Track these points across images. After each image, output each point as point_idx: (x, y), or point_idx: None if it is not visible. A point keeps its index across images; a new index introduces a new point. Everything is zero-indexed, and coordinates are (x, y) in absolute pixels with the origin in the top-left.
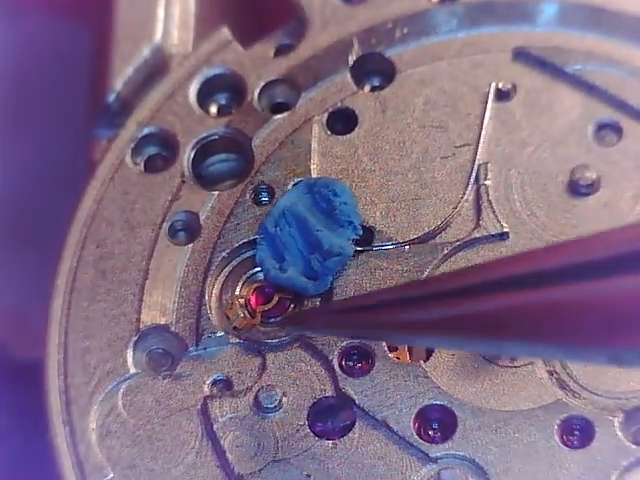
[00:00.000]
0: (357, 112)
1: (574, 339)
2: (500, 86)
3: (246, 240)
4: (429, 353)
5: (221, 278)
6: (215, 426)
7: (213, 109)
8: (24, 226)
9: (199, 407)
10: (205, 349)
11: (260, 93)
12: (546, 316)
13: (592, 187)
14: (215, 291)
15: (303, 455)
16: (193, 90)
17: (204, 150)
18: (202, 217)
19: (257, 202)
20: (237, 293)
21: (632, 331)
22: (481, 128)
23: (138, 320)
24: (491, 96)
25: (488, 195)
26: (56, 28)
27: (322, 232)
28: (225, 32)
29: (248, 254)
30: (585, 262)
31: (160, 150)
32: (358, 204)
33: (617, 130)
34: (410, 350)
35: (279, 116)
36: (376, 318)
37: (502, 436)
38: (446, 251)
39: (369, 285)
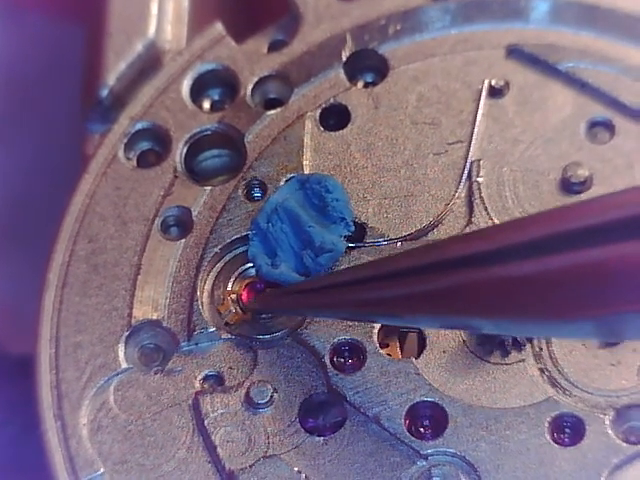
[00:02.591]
0: (350, 108)
1: (557, 311)
2: (493, 83)
3: (238, 236)
4: (420, 350)
5: (213, 274)
6: (206, 421)
7: (206, 104)
8: (18, 222)
9: (190, 402)
10: (197, 344)
11: (253, 89)
12: (526, 288)
13: (584, 185)
14: (207, 287)
15: (294, 451)
16: (186, 85)
17: (197, 145)
18: (194, 212)
19: (249, 198)
20: (229, 289)
21: (621, 297)
22: (474, 125)
23: (130, 315)
24: (484, 93)
25: (480, 192)
26: (49, 24)
27: (314, 228)
28: (218, 28)
29: (240, 250)
30: (556, 234)
31: (153, 145)
32: (350, 200)
33: (609, 128)
34: (402, 347)
35: (272, 112)
36: (339, 297)
37: (493, 433)
38: None
39: None
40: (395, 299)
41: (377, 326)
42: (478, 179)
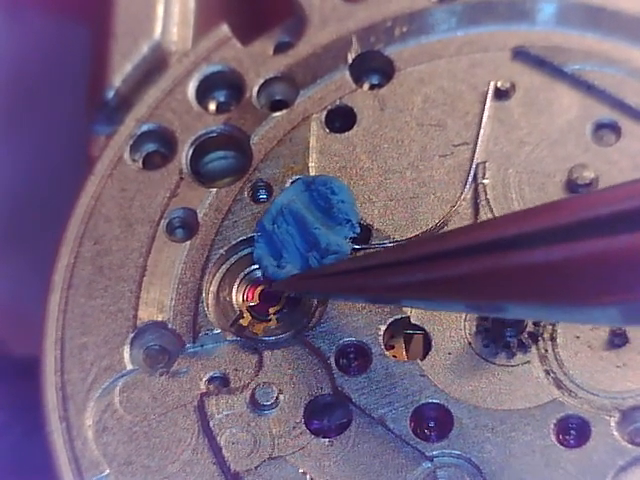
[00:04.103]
0: (356, 110)
1: (583, 296)
2: (499, 85)
3: (244, 237)
4: (426, 351)
5: (219, 275)
6: (211, 423)
7: (212, 106)
8: (23, 223)
9: (196, 404)
10: (202, 346)
11: (259, 90)
12: (550, 275)
13: (590, 187)
14: (212, 288)
15: (299, 453)
16: (192, 87)
17: (202, 147)
18: (200, 214)
19: (255, 200)
20: (242, 301)
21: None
22: (480, 127)
23: (135, 317)
24: (490, 95)
25: (486, 194)
26: (55, 25)
27: (320, 230)
28: (224, 29)
29: (246, 251)
30: (583, 220)
31: (158, 147)
32: (356, 202)
33: (615, 130)
34: (407, 348)
35: (278, 114)
36: (366, 280)
37: (498, 435)
38: None
39: None
40: (422, 283)
41: (383, 328)
42: (484, 181)
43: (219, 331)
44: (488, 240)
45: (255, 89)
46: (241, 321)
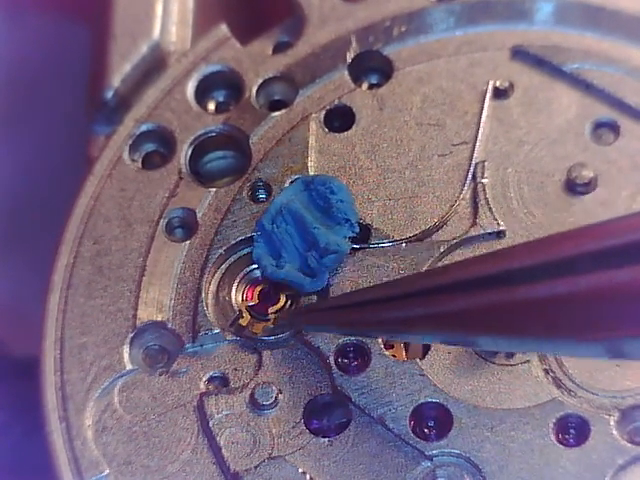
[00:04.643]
0: (355, 110)
1: (568, 332)
2: (498, 84)
3: (243, 237)
4: (425, 351)
5: (218, 275)
6: (211, 423)
7: (211, 106)
8: (22, 223)
9: (195, 404)
10: (201, 346)
11: (258, 90)
12: (542, 311)
13: (589, 186)
14: (212, 288)
15: (299, 452)
16: (191, 87)
17: (201, 147)
18: (199, 214)
19: (254, 199)
20: (241, 301)
21: (624, 322)
22: (478, 126)
23: (135, 317)
24: (489, 94)
25: (485, 193)
26: (54, 25)
27: (319, 229)
28: (223, 29)
29: (245, 251)
30: (574, 256)
31: (158, 147)
32: (355, 202)
33: (614, 129)
34: (406, 348)
35: (277, 113)
36: (360, 316)
37: (498, 434)
38: (443, 249)
39: (365, 283)
40: (421, 318)
41: None
42: (483, 180)
43: (218, 331)
44: (487, 274)
45: (254, 89)
46: (240, 321)
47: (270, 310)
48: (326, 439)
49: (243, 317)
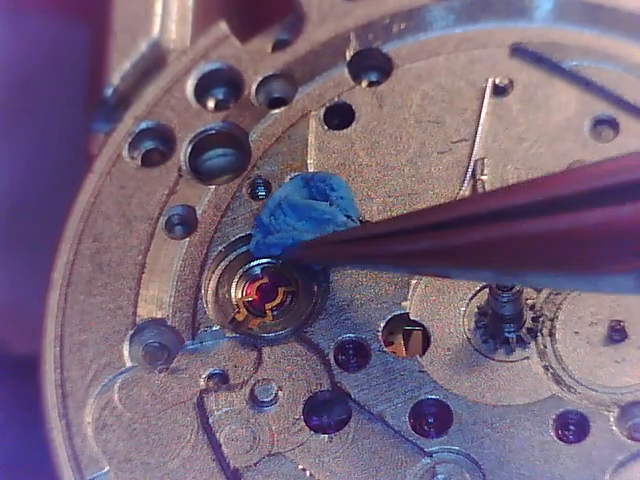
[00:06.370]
0: (354, 107)
1: (557, 268)
2: (497, 81)
3: (242, 234)
4: (425, 347)
5: (217, 272)
6: (211, 420)
7: (210, 104)
8: (22, 221)
9: (195, 401)
10: (201, 343)
11: (257, 88)
12: (537, 244)
13: None
14: (211, 285)
15: (299, 449)
16: (190, 85)
17: (201, 144)
18: (199, 211)
19: (254, 197)
20: (239, 296)
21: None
22: (478, 123)
23: (134, 314)
24: (488, 91)
25: (485, 190)
26: (54, 23)
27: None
28: (223, 27)
29: (244, 248)
30: (563, 196)
31: (157, 144)
32: (355, 198)
33: (613, 126)
34: (406, 344)
35: (276, 111)
36: (367, 249)
37: (497, 431)
38: None
39: (366, 279)
40: (430, 252)
41: (382, 324)
42: (482, 177)
43: (218, 328)
44: (495, 209)
45: (254, 86)
46: (237, 316)
47: (267, 306)
48: (326, 436)
49: (239, 312)
